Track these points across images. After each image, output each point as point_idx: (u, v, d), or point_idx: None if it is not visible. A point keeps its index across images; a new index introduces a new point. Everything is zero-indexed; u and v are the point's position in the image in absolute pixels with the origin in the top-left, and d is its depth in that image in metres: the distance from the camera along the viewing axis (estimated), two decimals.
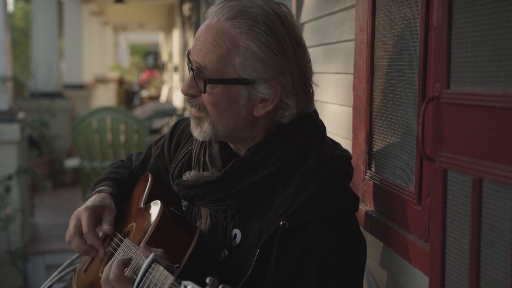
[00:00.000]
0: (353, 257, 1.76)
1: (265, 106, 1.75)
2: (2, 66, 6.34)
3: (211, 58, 1.73)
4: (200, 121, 1.80)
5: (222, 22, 1.73)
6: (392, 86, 1.95)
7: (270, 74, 1.72)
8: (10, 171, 6.23)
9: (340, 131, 2.56)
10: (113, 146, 7.30)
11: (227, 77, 1.73)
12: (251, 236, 1.77)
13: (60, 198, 9.12)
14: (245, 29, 1.71)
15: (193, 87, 1.78)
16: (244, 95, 1.74)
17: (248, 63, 1.71)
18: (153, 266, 1.57)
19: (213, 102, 1.75)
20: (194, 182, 1.85)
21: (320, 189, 1.71)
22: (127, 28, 27.20)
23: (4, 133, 6.22)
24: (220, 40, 1.72)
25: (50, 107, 8.06)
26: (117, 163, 2.31)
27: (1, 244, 6.24)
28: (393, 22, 1.95)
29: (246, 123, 1.78)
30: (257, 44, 1.70)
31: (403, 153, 1.87)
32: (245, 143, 1.84)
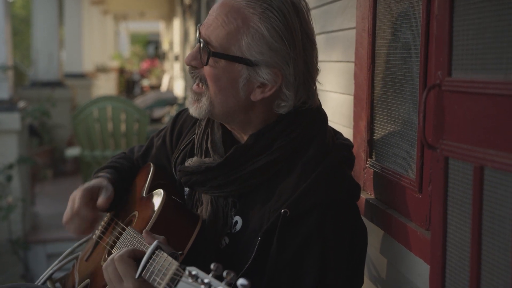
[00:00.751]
0: (354, 245, 1.76)
1: (262, 92, 1.75)
2: (2, 55, 6.33)
3: (220, 33, 1.73)
4: (199, 96, 1.81)
5: (238, 1, 1.74)
6: (394, 74, 1.95)
7: (274, 60, 1.72)
8: (11, 160, 6.23)
9: (341, 120, 2.56)
10: (114, 135, 7.30)
11: (232, 54, 1.73)
12: (252, 223, 1.77)
13: (61, 187, 9.12)
14: (259, 10, 1.71)
15: (196, 58, 1.79)
16: (244, 76, 1.74)
17: (255, 45, 1.71)
18: (157, 252, 1.58)
19: (214, 76, 1.76)
20: (196, 168, 1.85)
21: (321, 177, 1.71)
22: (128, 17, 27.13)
23: (4, 122, 6.22)
24: (232, 17, 1.73)
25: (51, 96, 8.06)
26: (118, 155, 2.32)
27: (2, 233, 6.25)
28: (394, 10, 1.94)
29: (242, 105, 1.78)
30: (267, 28, 1.70)
31: (404, 141, 1.87)
32: (242, 126, 1.84)
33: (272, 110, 1.80)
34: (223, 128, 1.90)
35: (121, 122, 7.32)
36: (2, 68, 6.26)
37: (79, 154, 7.62)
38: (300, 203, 1.68)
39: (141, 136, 7.33)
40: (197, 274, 1.38)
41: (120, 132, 7.32)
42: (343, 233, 1.72)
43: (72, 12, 13.67)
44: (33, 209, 7.18)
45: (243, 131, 1.85)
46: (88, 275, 1.98)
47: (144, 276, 1.58)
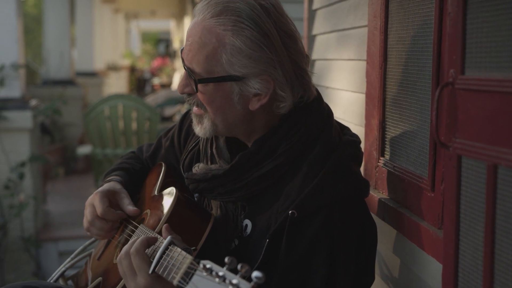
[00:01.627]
0: (363, 243, 1.75)
1: (259, 100, 1.75)
2: (14, 53, 6.35)
3: (199, 58, 1.73)
4: (200, 118, 1.82)
5: (208, 20, 1.72)
6: (406, 72, 1.94)
7: (259, 69, 1.71)
8: (23, 158, 6.25)
9: (353, 118, 2.55)
10: (125, 133, 7.31)
11: (216, 75, 1.73)
12: (260, 226, 1.77)
13: (72, 185, 9.15)
14: (230, 25, 1.70)
15: (187, 85, 1.79)
16: (236, 91, 1.74)
17: (236, 60, 1.70)
18: (171, 248, 1.59)
19: (207, 100, 1.76)
20: (203, 176, 1.86)
21: (327, 176, 1.70)
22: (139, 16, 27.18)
23: (17, 120, 6.23)
24: (206, 38, 1.72)
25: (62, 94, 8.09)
26: (128, 155, 2.32)
27: (14, 230, 6.27)
28: (407, 8, 1.93)
29: (243, 117, 1.79)
30: (242, 40, 1.69)
31: (417, 140, 1.86)
32: (247, 135, 1.84)
33: (274, 112, 1.79)
34: None
35: (132, 120, 7.33)
36: (14, 67, 6.28)
37: (91, 152, 7.64)
38: (307, 204, 1.68)
39: (152, 134, 7.33)
40: (211, 267, 1.38)
41: (131, 130, 7.33)
42: (351, 230, 1.72)
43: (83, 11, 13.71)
44: (44, 207, 7.20)
45: (248, 139, 1.86)
46: (101, 273, 1.98)
47: (158, 271, 1.58)
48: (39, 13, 18.41)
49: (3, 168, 6.24)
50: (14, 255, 6.25)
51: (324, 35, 3.15)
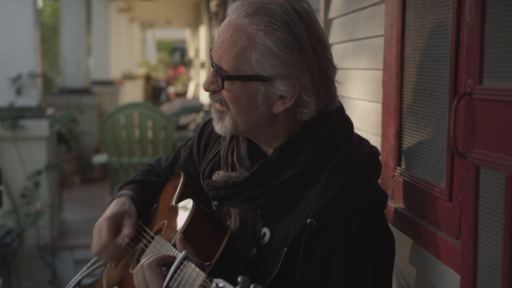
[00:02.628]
0: (381, 254, 1.75)
1: (283, 103, 1.75)
2: (31, 62, 6.40)
3: (229, 55, 1.73)
4: (222, 115, 1.81)
5: (241, 19, 1.73)
6: (423, 82, 1.93)
7: (287, 71, 1.71)
8: (39, 167, 6.29)
9: (369, 128, 2.55)
10: (141, 142, 7.34)
11: (244, 73, 1.73)
12: (279, 234, 1.77)
13: (88, 194, 9.19)
14: (262, 26, 1.70)
15: (213, 83, 1.79)
16: (262, 92, 1.74)
17: (265, 60, 1.70)
18: (185, 263, 1.58)
19: (232, 98, 1.76)
20: (223, 183, 1.86)
21: (347, 186, 1.70)
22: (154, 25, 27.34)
23: (33, 129, 6.28)
24: (237, 37, 1.72)
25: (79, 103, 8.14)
26: (144, 167, 2.33)
27: (30, 238, 6.31)
28: (424, 18, 1.93)
29: (265, 119, 1.78)
30: (274, 41, 1.69)
31: (434, 150, 1.85)
32: (267, 140, 1.84)
33: (296, 118, 1.79)
34: (248, 141, 1.90)
35: (148, 129, 7.36)
36: (31, 76, 6.33)
37: (106, 160, 7.67)
38: (326, 213, 1.67)
39: (168, 143, 7.36)
40: (224, 286, 1.38)
41: (147, 139, 7.36)
42: (369, 240, 1.71)
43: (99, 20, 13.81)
44: (60, 215, 7.24)
45: (269, 144, 1.85)
46: (116, 282, 1.99)
47: (172, 286, 1.58)
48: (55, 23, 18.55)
49: (20, 176, 6.29)
50: (30, 263, 6.28)
51: (340, 44, 3.15)
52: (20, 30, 6.35)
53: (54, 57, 17.41)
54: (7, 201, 6.09)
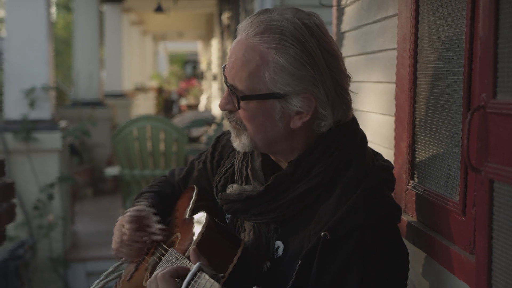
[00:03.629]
0: (395, 267, 1.74)
1: (301, 118, 1.75)
2: (45, 75, 6.44)
3: (242, 75, 1.74)
4: (238, 132, 1.82)
5: (251, 38, 1.73)
6: (436, 95, 1.93)
7: (302, 87, 1.71)
8: (52, 179, 6.32)
9: (382, 141, 2.55)
10: (153, 154, 7.35)
11: (259, 92, 1.73)
12: (293, 247, 1.77)
13: (100, 206, 9.21)
14: (273, 43, 1.70)
15: (229, 102, 1.80)
16: (278, 109, 1.74)
17: (279, 78, 1.71)
18: (199, 274, 1.59)
19: (249, 117, 1.77)
20: (237, 197, 1.86)
21: (360, 199, 1.70)
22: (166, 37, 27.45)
23: (46, 141, 6.31)
24: (249, 56, 1.72)
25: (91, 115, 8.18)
26: (158, 178, 2.34)
27: (43, 250, 6.33)
28: (437, 31, 1.93)
29: (283, 135, 1.78)
30: (286, 58, 1.69)
31: (447, 163, 1.85)
32: (284, 155, 1.84)
33: (313, 131, 1.79)
34: (262, 155, 1.90)
35: (160, 142, 7.37)
36: (44, 89, 6.37)
37: (119, 173, 7.69)
38: (340, 226, 1.67)
39: (180, 156, 7.37)
40: None
41: (159, 151, 7.37)
42: (383, 254, 1.71)
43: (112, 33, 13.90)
44: (73, 228, 7.26)
45: (285, 159, 1.85)
46: None
47: None
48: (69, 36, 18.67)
49: (33, 188, 6.32)
50: (43, 275, 6.30)
51: (352, 57, 3.15)
52: (34, 43, 6.39)
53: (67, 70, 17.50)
54: (20, 213, 6.11)
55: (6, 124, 6.32)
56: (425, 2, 2.02)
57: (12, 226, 6.00)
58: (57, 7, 23.51)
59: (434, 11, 1.95)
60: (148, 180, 7.26)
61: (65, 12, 23.46)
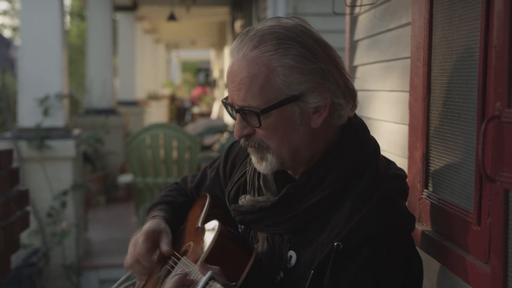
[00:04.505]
0: (409, 277, 1.74)
1: (320, 115, 1.75)
2: (58, 83, 6.47)
3: (254, 91, 1.73)
4: (262, 154, 1.80)
5: (249, 54, 1.73)
6: (450, 104, 1.93)
7: (314, 82, 1.73)
8: (65, 186, 6.34)
9: (395, 149, 2.54)
10: (166, 162, 7.36)
11: (276, 101, 1.73)
12: (305, 257, 1.77)
13: (113, 214, 9.23)
14: (273, 50, 1.71)
15: (245, 127, 1.79)
16: (297, 112, 1.74)
17: (290, 79, 1.71)
18: (210, 283, 1.59)
19: (270, 131, 1.76)
20: (250, 208, 1.86)
21: (374, 209, 1.70)
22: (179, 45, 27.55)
23: (60, 149, 6.34)
24: (254, 70, 1.72)
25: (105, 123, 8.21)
26: (171, 186, 2.33)
27: (56, 258, 6.35)
28: (451, 40, 1.93)
29: (306, 140, 1.78)
30: (291, 58, 1.71)
31: (462, 172, 1.84)
32: (305, 164, 1.83)
33: (333, 126, 1.80)
34: None
35: (173, 149, 7.38)
36: (58, 97, 6.40)
37: (132, 180, 7.70)
38: (353, 236, 1.67)
39: (193, 163, 7.37)
40: None
41: (172, 159, 7.38)
42: (397, 264, 1.70)
43: (125, 41, 13.96)
44: (86, 235, 7.28)
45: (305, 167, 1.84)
46: None
47: None
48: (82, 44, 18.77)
49: (46, 196, 6.34)
50: (56, 282, 6.31)
51: (366, 66, 3.15)
52: (48, 52, 6.43)
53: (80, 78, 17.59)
54: (33, 220, 6.13)
55: (20, 132, 6.35)
56: (439, 11, 2.02)
57: (26, 234, 6.02)
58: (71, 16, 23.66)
59: (448, 20, 1.95)
60: (161, 188, 7.27)
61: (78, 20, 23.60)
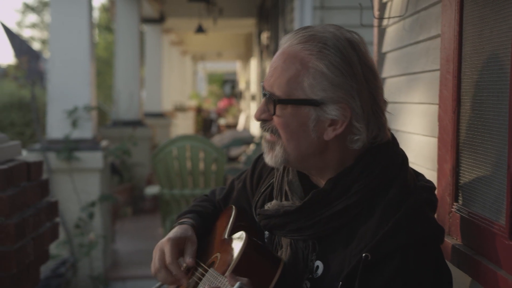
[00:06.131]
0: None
1: (334, 129, 1.75)
2: (87, 95, 6.53)
3: (281, 80, 1.76)
4: (272, 145, 1.83)
5: (294, 46, 1.77)
6: (481, 117, 1.91)
7: (338, 95, 1.72)
8: (93, 198, 6.39)
9: (424, 162, 2.53)
10: (192, 173, 7.38)
11: (294, 97, 1.75)
12: (333, 268, 1.76)
13: (140, 225, 9.27)
14: (315, 51, 1.73)
15: (265, 111, 1.82)
16: (313, 117, 1.75)
17: (317, 83, 1.72)
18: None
19: (283, 123, 1.77)
20: (275, 212, 1.86)
21: (402, 220, 1.69)
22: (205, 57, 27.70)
23: (88, 160, 6.39)
24: (290, 63, 1.76)
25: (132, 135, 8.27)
26: (201, 197, 2.35)
27: (83, 269, 6.38)
28: (481, 53, 1.92)
29: (315, 147, 1.78)
30: (326, 65, 1.72)
31: (493, 186, 1.83)
32: (319, 170, 1.83)
33: (347, 147, 1.79)
34: (300, 173, 1.90)
35: (200, 161, 7.40)
36: (86, 108, 6.46)
37: (158, 192, 7.73)
38: (381, 247, 1.66)
39: (219, 175, 7.38)
40: None
41: (199, 170, 7.40)
42: (426, 276, 1.69)
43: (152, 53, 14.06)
44: (113, 246, 7.32)
45: (320, 176, 1.85)
46: None
47: None
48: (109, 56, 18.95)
49: (74, 207, 6.39)
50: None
51: (394, 78, 3.14)
52: (77, 64, 6.50)
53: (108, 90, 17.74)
54: (61, 231, 6.18)
55: (49, 144, 6.41)
56: (469, 23, 2.01)
57: (54, 244, 6.07)
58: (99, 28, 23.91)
59: (479, 33, 1.93)
60: (187, 199, 7.29)
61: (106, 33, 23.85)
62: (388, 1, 3.23)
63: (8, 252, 2.52)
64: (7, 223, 2.51)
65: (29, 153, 6.24)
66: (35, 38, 34.11)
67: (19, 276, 2.63)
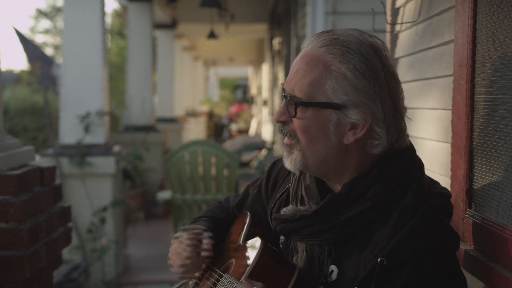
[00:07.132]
0: None
1: (354, 133, 1.75)
2: (99, 101, 6.55)
3: (303, 83, 1.76)
4: (291, 149, 1.82)
5: (317, 49, 1.77)
6: (494, 123, 1.91)
7: (360, 99, 1.72)
8: (105, 203, 6.40)
9: (437, 168, 2.52)
10: (204, 178, 7.39)
11: (316, 100, 1.75)
12: (348, 273, 1.76)
13: (152, 230, 9.28)
14: (338, 54, 1.73)
15: (284, 113, 1.81)
16: (334, 121, 1.75)
17: (339, 87, 1.72)
18: None
19: (303, 126, 1.77)
20: (291, 216, 1.86)
21: (418, 226, 1.68)
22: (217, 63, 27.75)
23: (100, 166, 6.41)
24: (313, 65, 1.76)
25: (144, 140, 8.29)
26: (213, 204, 2.35)
27: (96, 274, 6.40)
28: (495, 58, 1.91)
29: (335, 151, 1.78)
30: (349, 69, 1.71)
31: (507, 192, 1.82)
32: (337, 176, 1.83)
33: (366, 152, 1.78)
34: (316, 178, 1.90)
35: (212, 166, 7.41)
36: (98, 114, 6.48)
37: (170, 197, 7.74)
38: (397, 252, 1.65)
39: (231, 180, 7.39)
40: None
41: (211, 176, 7.41)
42: (441, 283, 1.68)
43: (164, 58, 14.09)
44: (125, 251, 7.33)
45: (338, 181, 1.84)
46: None
47: None
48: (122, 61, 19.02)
49: (86, 212, 6.41)
50: None
51: (407, 83, 3.13)
52: (89, 70, 6.52)
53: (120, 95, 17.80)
54: (74, 236, 6.20)
55: (62, 149, 6.43)
56: (482, 29, 2.01)
57: (67, 249, 6.09)
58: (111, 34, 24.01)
59: (492, 38, 1.93)
60: (199, 205, 7.30)
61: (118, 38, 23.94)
62: (401, 6, 3.23)
63: (21, 257, 2.52)
64: (21, 228, 2.52)
65: (42, 158, 6.26)
66: (48, 44, 34.28)
67: (32, 281, 2.64)
